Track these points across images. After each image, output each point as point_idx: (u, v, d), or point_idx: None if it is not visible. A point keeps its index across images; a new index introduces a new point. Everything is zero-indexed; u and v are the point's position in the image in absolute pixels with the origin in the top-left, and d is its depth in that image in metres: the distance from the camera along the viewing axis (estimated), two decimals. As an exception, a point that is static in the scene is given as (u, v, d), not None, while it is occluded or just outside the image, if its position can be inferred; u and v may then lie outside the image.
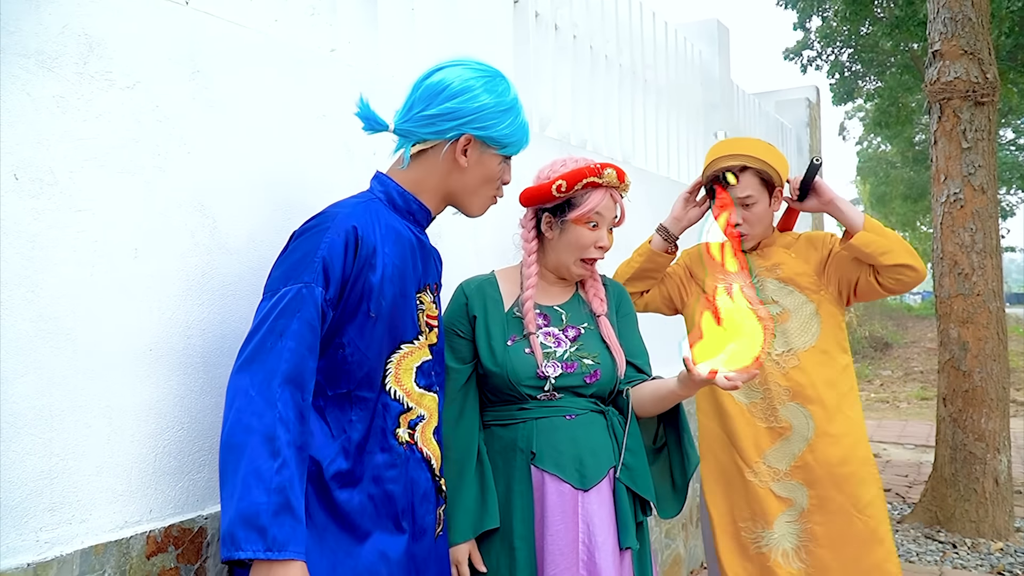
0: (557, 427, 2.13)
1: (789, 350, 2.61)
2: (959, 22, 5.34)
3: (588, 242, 2.17)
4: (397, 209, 1.78)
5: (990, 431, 5.31)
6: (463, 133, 1.75)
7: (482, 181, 1.83)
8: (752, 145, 2.63)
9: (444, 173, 1.79)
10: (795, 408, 2.57)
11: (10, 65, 1.44)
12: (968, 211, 5.36)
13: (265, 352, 1.49)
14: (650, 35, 4.80)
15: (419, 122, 1.74)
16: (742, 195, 2.56)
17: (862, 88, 17.57)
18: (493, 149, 1.80)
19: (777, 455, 2.59)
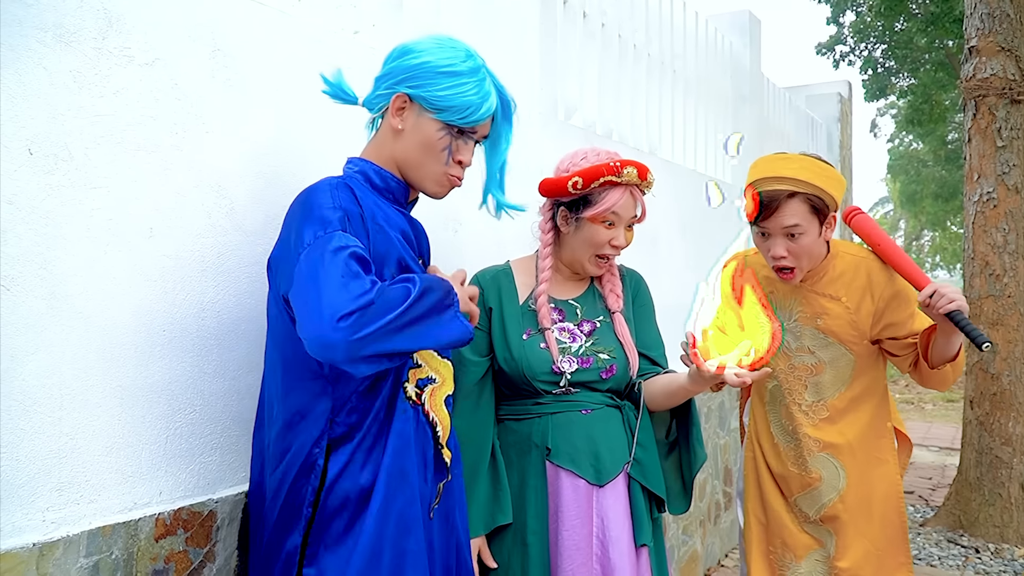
0: (572, 422, 2.11)
1: (820, 400, 2.45)
2: (997, 18, 5.24)
3: (603, 240, 2.12)
4: (376, 188, 1.68)
5: (1017, 435, 5.23)
6: (396, 92, 1.65)
7: (421, 149, 1.68)
8: (801, 166, 2.30)
9: (385, 139, 1.70)
10: (825, 459, 2.45)
11: (27, 38, 1.42)
12: (1001, 211, 5.27)
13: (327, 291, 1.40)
14: (680, 25, 4.74)
15: (375, 88, 1.69)
16: (788, 223, 2.25)
17: (895, 85, 17.35)
18: (430, 113, 1.65)
19: (807, 502, 2.49)
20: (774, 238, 2.30)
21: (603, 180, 2.07)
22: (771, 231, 2.29)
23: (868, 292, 2.37)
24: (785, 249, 2.28)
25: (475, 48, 2.79)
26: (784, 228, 2.26)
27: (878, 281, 2.36)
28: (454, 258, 2.56)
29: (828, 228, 2.32)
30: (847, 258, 2.41)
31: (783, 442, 2.53)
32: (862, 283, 2.37)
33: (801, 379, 2.46)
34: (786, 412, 2.50)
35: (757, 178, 2.31)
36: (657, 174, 4.11)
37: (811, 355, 2.43)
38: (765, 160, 2.36)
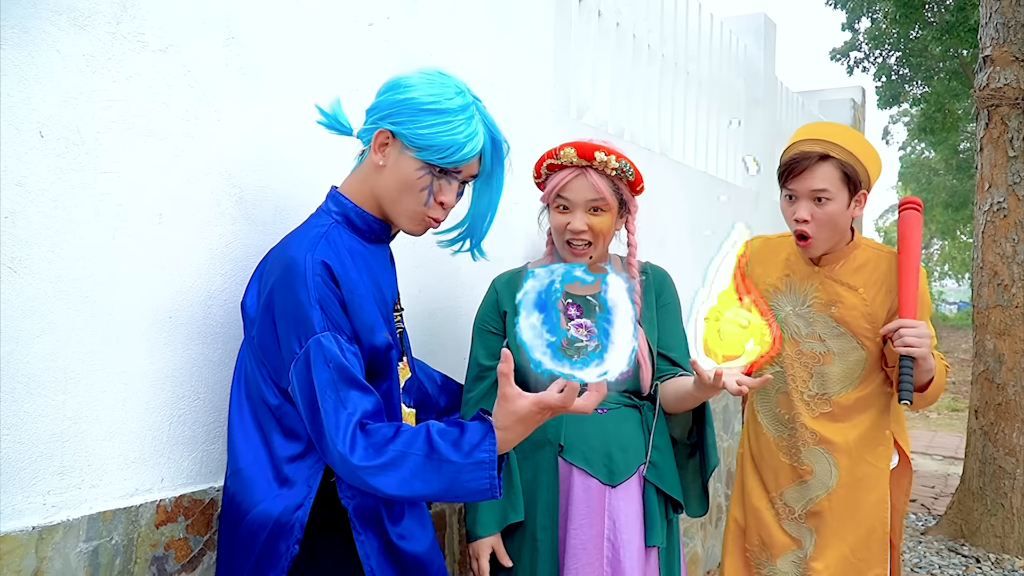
0: (587, 420, 2.09)
1: (824, 394, 2.41)
2: (1012, 28, 5.21)
3: (560, 225, 2.11)
4: (356, 230, 1.66)
5: (1021, 446, 5.21)
6: (378, 127, 1.61)
7: (399, 186, 1.62)
8: (841, 132, 2.26)
9: (366, 175, 1.66)
10: (820, 453, 2.43)
11: (41, 21, 1.42)
12: (1011, 221, 5.24)
13: (329, 414, 1.45)
14: (695, 27, 4.72)
15: (365, 121, 1.65)
16: (817, 187, 2.20)
17: (908, 92, 17.31)
18: (410, 151, 1.59)
19: (794, 495, 2.47)
20: (800, 201, 2.25)
21: (548, 163, 2.10)
22: (799, 193, 2.25)
23: (886, 286, 2.33)
24: (809, 213, 2.23)
25: (492, 44, 2.80)
26: (812, 191, 2.22)
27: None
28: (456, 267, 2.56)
29: (857, 204, 2.27)
30: (869, 251, 2.38)
31: (774, 431, 2.50)
32: (881, 276, 2.34)
33: (808, 367, 2.42)
34: (784, 400, 2.47)
35: (795, 140, 2.28)
36: (667, 174, 4.12)
37: (821, 343, 2.39)
38: (805, 127, 2.32)
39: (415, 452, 1.42)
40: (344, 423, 1.44)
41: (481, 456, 1.41)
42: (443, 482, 1.42)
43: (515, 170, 2.77)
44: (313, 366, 1.47)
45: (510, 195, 2.72)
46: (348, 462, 1.42)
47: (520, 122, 2.85)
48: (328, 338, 1.49)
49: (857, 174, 2.22)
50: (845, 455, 2.40)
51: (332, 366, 1.47)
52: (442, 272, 2.47)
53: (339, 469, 1.46)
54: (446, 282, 2.50)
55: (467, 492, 1.43)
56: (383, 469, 1.41)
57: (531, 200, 2.84)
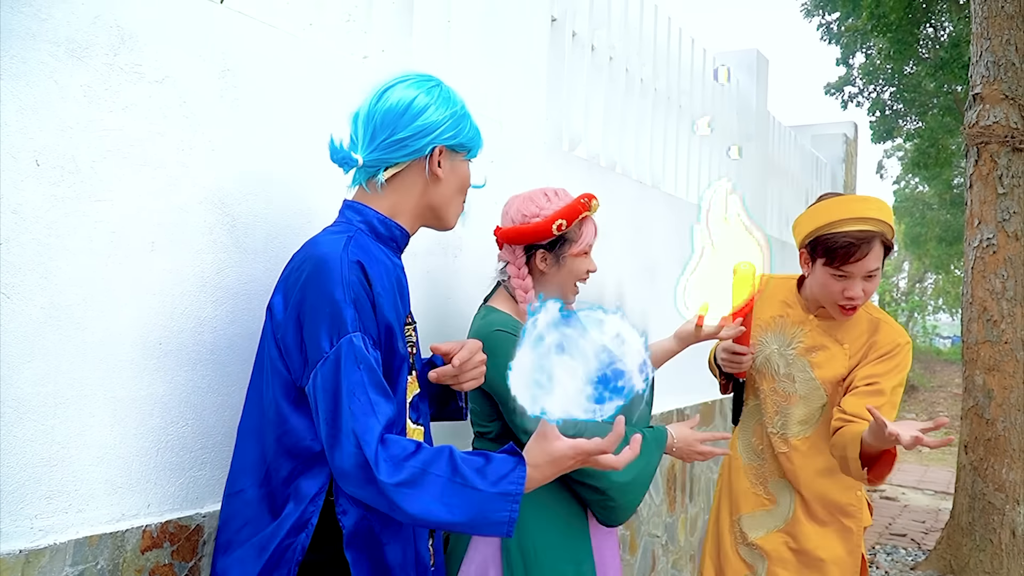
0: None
1: (782, 434, 2.47)
2: (1002, 66, 5.29)
3: (583, 270, 2.22)
4: (380, 238, 1.69)
5: (1011, 482, 5.22)
6: (435, 145, 1.68)
7: (458, 189, 1.77)
8: (878, 207, 2.28)
9: (422, 190, 1.72)
10: (784, 485, 2.48)
11: (39, 52, 1.45)
12: (1001, 257, 5.29)
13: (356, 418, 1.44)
14: (688, 61, 4.78)
15: (388, 148, 1.67)
16: (873, 268, 2.25)
17: (902, 128, 17.43)
18: (462, 155, 1.75)
19: (751, 522, 2.52)
20: (853, 280, 2.28)
21: (582, 216, 2.15)
22: (854, 274, 2.27)
23: (869, 345, 2.38)
24: (862, 291, 2.28)
25: (485, 77, 2.84)
26: (868, 272, 2.26)
27: (884, 338, 2.37)
28: (452, 282, 2.58)
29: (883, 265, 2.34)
30: (866, 314, 2.43)
31: (745, 458, 2.58)
32: (868, 336, 2.39)
33: (776, 404, 2.49)
34: (759, 431, 2.54)
35: (835, 219, 2.27)
36: (659, 207, 4.17)
37: (791, 384, 2.46)
38: (836, 203, 2.31)
39: (437, 473, 1.41)
40: (373, 428, 1.41)
41: (508, 488, 1.41)
42: (465, 509, 1.40)
43: (506, 201, 2.80)
44: (343, 366, 1.46)
45: (501, 226, 2.74)
46: (371, 471, 1.39)
47: (513, 154, 2.89)
48: (360, 339, 1.49)
49: (890, 241, 2.29)
50: (808, 490, 2.44)
51: (363, 367, 1.46)
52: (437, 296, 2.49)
53: (354, 477, 1.41)
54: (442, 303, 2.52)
55: (486, 523, 1.41)
56: (404, 486, 1.39)
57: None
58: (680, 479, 4.37)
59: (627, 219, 3.79)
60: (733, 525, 2.57)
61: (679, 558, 4.33)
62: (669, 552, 4.20)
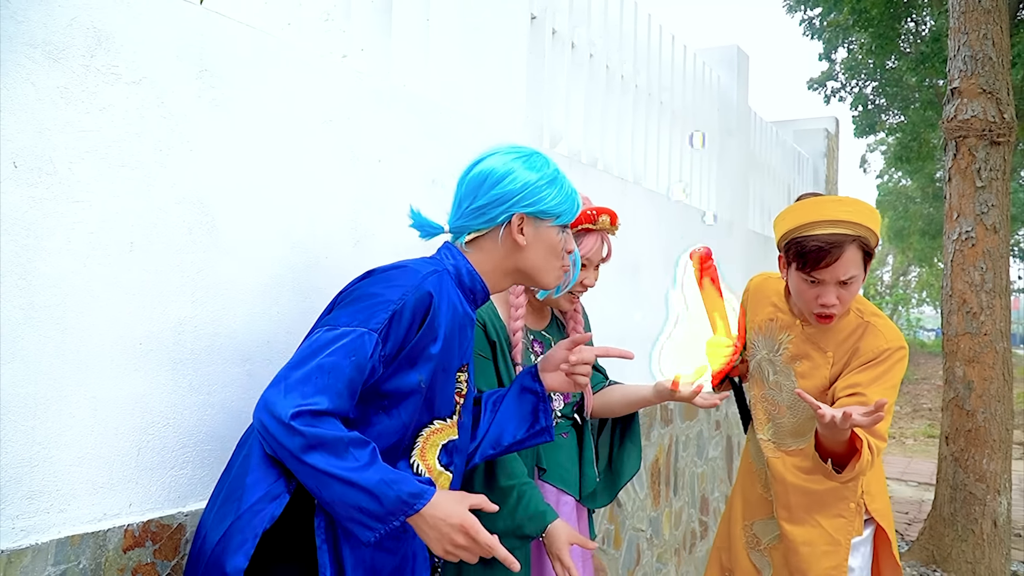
0: (559, 446, 2.24)
1: (773, 442, 2.45)
2: (979, 61, 5.34)
3: (580, 282, 2.22)
4: (462, 286, 1.76)
5: (991, 472, 5.27)
6: (513, 213, 1.75)
7: (548, 254, 1.81)
8: (856, 209, 2.18)
9: (504, 255, 1.79)
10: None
11: (16, 54, 1.46)
12: (979, 250, 5.34)
13: (310, 384, 1.47)
14: (668, 58, 4.80)
15: (470, 215, 1.76)
16: (845, 276, 2.15)
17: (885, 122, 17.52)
18: (548, 221, 1.79)
19: (763, 527, 2.53)
20: (826, 286, 2.19)
21: (580, 228, 2.18)
22: (826, 280, 2.18)
23: (853, 351, 2.29)
24: (836, 297, 2.18)
25: (465, 76, 2.85)
26: (840, 280, 2.17)
27: (868, 345, 2.26)
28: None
29: (867, 271, 2.22)
30: (855, 316, 2.32)
31: (756, 463, 2.58)
32: (853, 342, 2.29)
33: (767, 412, 2.47)
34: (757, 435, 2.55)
35: (811, 220, 2.17)
36: (641, 203, 4.18)
37: (779, 393, 2.42)
38: (810, 204, 2.22)
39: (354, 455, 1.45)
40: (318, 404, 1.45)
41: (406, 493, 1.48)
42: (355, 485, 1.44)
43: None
44: (340, 347, 1.51)
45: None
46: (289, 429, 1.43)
47: (492, 152, 2.90)
48: (373, 340, 1.54)
49: (871, 246, 2.20)
50: (783, 506, 2.43)
51: (353, 362, 1.51)
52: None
53: (272, 422, 1.45)
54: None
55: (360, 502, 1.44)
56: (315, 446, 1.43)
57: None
58: (664, 473, 4.39)
59: (609, 215, 3.80)
60: (747, 529, 2.57)
61: (664, 552, 4.36)
62: (654, 546, 4.23)
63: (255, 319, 1.93)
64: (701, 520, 4.99)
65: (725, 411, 5.44)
